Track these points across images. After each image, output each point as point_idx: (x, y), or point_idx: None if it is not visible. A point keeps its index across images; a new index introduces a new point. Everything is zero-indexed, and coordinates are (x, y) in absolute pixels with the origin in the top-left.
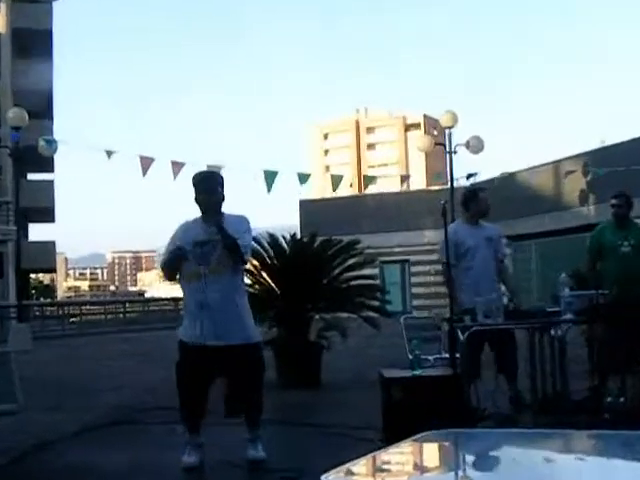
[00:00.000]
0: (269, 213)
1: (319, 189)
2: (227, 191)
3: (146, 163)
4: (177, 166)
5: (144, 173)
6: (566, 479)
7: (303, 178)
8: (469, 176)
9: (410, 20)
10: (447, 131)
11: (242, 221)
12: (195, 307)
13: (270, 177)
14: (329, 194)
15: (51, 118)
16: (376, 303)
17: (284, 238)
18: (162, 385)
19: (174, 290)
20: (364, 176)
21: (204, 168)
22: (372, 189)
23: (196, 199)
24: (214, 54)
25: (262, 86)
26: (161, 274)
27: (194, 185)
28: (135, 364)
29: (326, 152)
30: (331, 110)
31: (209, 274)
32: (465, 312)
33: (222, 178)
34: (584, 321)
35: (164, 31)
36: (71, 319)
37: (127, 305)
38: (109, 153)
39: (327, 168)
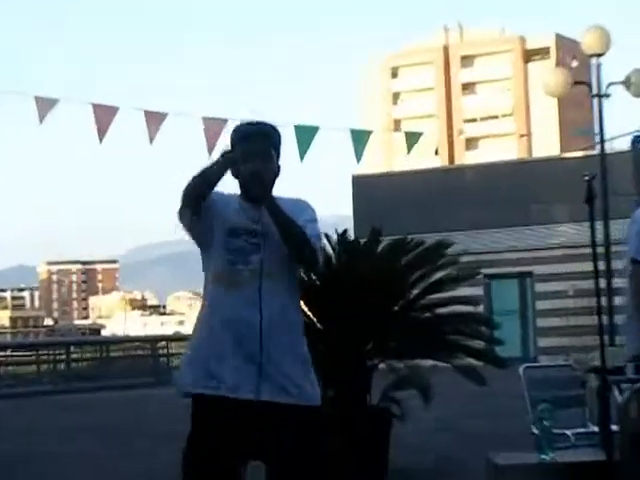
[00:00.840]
0: (304, 196)
1: (384, 158)
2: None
3: (103, 115)
4: (154, 119)
5: (102, 130)
6: None
7: (359, 138)
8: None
9: None
10: (594, 61)
11: (303, 208)
12: (221, 331)
13: (304, 136)
14: (400, 166)
15: None
16: (479, 344)
17: (327, 238)
18: None
19: (150, 325)
20: (458, 135)
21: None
22: (471, 157)
23: (236, 169)
24: None
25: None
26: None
27: (236, 144)
28: (99, 448)
29: (395, 98)
30: (404, 32)
31: (250, 280)
32: (635, 359)
33: (280, 135)
34: None
35: None
36: None
37: (73, 349)
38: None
39: (397, 124)
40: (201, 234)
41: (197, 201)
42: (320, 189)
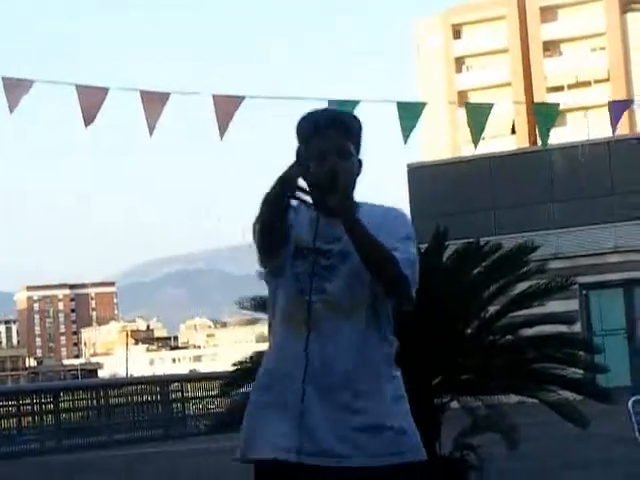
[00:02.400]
0: None
1: (449, 140)
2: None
3: (89, 98)
4: (152, 102)
5: (88, 115)
6: None
7: (408, 113)
8: None
9: None
10: None
11: (394, 221)
12: (287, 381)
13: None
14: (469, 150)
15: None
16: (576, 372)
17: None
18: None
19: (158, 363)
20: (540, 109)
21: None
22: (558, 135)
23: (303, 169)
24: None
25: None
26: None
27: (303, 138)
28: None
29: (459, 64)
30: None
31: (323, 315)
32: None
33: (360, 125)
34: None
35: None
36: None
37: (62, 397)
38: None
39: (462, 97)
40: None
41: (278, 243)
42: (363, 181)
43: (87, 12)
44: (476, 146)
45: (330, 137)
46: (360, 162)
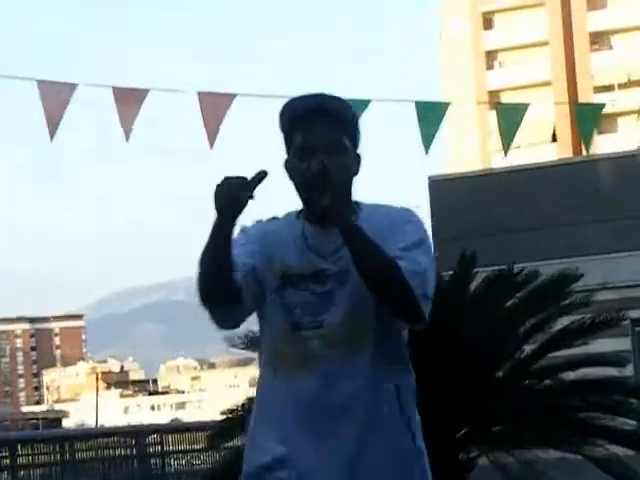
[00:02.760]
0: None
1: (479, 148)
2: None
3: (53, 98)
4: (129, 100)
5: (53, 120)
6: None
7: (429, 115)
8: None
9: None
10: None
11: (406, 223)
12: (282, 432)
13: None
14: (498, 159)
15: None
16: (627, 423)
17: None
18: None
19: (134, 410)
20: (582, 110)
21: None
22: (607, 143)
23: (290, 167)
24: None
25: None
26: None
27: (287, 128)
28: None
29: (491, 60)
30: None
31: (322, 351)
32: None
33: (354, 114)
34: None
35: None
36: None
37: (20, 451)
38: None
39: (494, 97)
40: (255, 305)
41: (227, 293)
42: (377, 194)
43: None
44: (506, 153)
45: (318, 129)
46: (358, 157)
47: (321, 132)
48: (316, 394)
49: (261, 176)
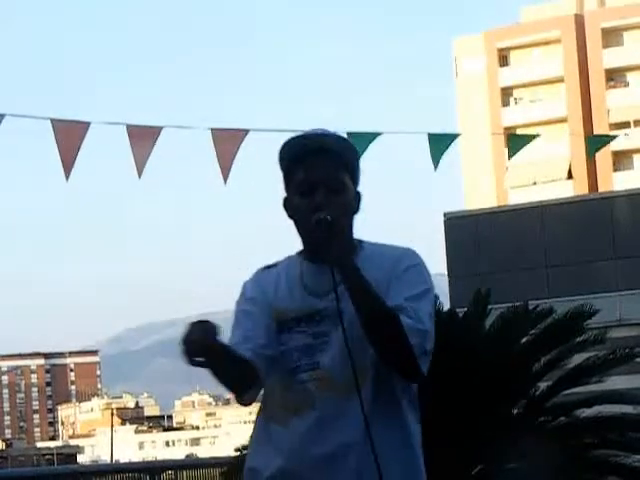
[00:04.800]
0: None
1: (495, 184)
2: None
3: (67, 136)
4: (141, 137)
5: (67, 161)
6: None
7: (439, 144)
8: None
9: None
10: None
11: (409, 269)
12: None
13: (359, 147)
14: (514, 196)
15: None
16: None
17: None
18: None
19: (149, 446)
20: (592, 141)
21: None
22: (623, 180)
23: (292, 204)
24: None
25: None
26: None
27: (288, 166)
28: None
29: (506, 96)
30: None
31: (319, 396)
32: None
33: (355, 151)
34: None
35: None
36: None
37: None
38: None
39: (509, 132)
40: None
41: (245, 393)
42: (392, 233)
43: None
44: (510, 158)
45: (319, 165)
46: (359, 195)
47: (322, 169)
48: (307, 441)
49: (215, 330)
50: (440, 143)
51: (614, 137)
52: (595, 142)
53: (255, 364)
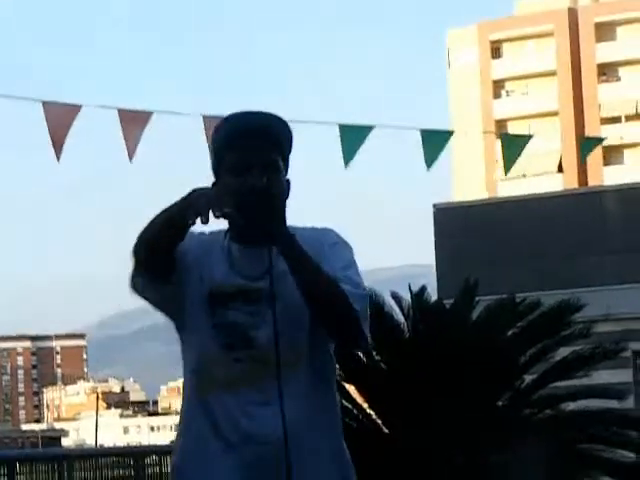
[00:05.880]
0: (361, 240)
1: (485, 177)
2: None
3: (58, 118)
4: (133, 122)
5: (57, 141)
6: None
7: (433, 141)
8: None
9: None
10: None
11: (335, 244)
12: (221, 457)
13: (351, 140)
14: (503, 188)
15: None
16: (628, 456)
17: (397, 299)
18: None
19: (134, 431)
20: (589, 139)
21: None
22: (613, 175)
23: (220, 185)
24: None
25: None
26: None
27: (221, 146)
28: None
29: (498, 89)
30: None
31: (254, 373)
32: None
33: (290, 132)
34: None
35: None
36: None
37: (19, 469)
38: None
39: (501, 127)
40: (174, 308)
41: (158, 259)
42: (382, 224)
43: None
44: (507, 173)
45: (254, 147)
46: (289, 182)
47: (257, 150)
48: (243, 418)
49: (235, 216)
50: (433, 140)
51: (604, 139)
52: (588, 145)
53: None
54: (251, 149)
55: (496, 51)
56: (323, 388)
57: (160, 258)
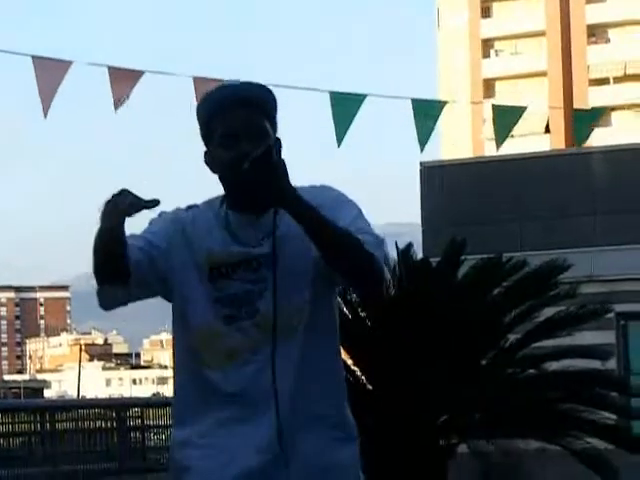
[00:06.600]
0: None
1: (472, 136)
2: None
3: (47, 74)
4: (122, 80)
5: (46, 96)
6: None
7: (425, 112)
8: None
9: None
10: None
11: (338, 198)
12: (216, 428)
13: (345, 109)
14: (490, 147)
15: None
16: (608, 417)
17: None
18: None
19: (116, 383)
20: (582, 111)
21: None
22: (600, 137)
23: (215, 157)
24: None
25: None
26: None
27: (207, 119)
28: None
29: (487, 48)
30: None
31: (259, 339)
32: None
33: (274, 99)
34: None
35: None
36: None
37: (0, 419)
38: None
39: (489, 87)
40: (148, 295)
41: (113, 273)
42: (370, 186)
43: None
44: (498, 148)
45: (240, 116)
46: (279, 142)
47: (243, 120)
48: (241, 380)
49: (155, 203)
50: (425, 112)
51: (601, 112)
52: (582, 119)
53: (134, 262)
54: (235, 119)
55: (486, 10)
56: (323, 349)
57: (110, 264)
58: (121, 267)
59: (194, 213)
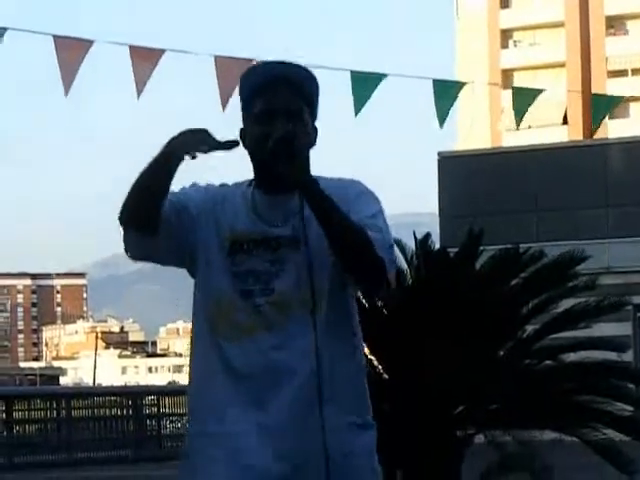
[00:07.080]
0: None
1: (490, 127)
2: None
3: (68, 53)
4: (143, 59)
5: (67, 78)
6: None
7: (444, 93)
8: None
9: None
10: None
11: (362, 194)
12: (237, 403)
13: (363, 89)
14: (513, 139)
15: None
16: (625, 409)
17: (400, 247)
18: None
19: (132, 371)
20: (600, 97)
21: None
22: (618, 128)
23: (249, 133)
24: None
25: None
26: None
27: (248, 94)
28: None
29: (505, 39)
30: None
31: (273, 319)
32: None
33: (317, 84)
34: None
35: None
36: None
37: (16, 406)
38: None
39: (507, 77)
40: (178, 258)
41: (145, 217)
42: (388, 172)
43: None
44: (518, 126)
45: (280, 95)
46: (316, 130)
47: (283, 99)
48: (259, 360)
49: (233, 144)
50: (445, 92)
51: (620, 98)
52: (600, 105)
53: (166, 212)
54: (275, 96)
55: (505, 1)
56: (342, 334)
57: (147, 206)
58: (154, 211)
59: (225, 191)
